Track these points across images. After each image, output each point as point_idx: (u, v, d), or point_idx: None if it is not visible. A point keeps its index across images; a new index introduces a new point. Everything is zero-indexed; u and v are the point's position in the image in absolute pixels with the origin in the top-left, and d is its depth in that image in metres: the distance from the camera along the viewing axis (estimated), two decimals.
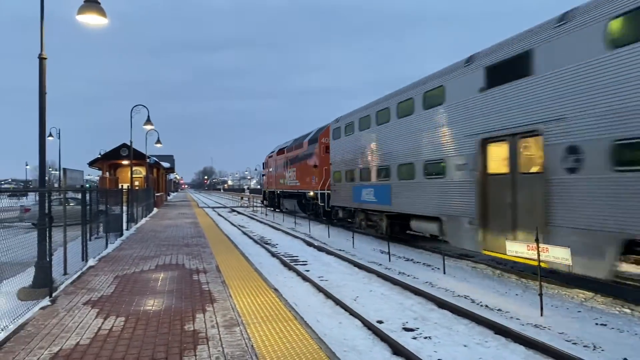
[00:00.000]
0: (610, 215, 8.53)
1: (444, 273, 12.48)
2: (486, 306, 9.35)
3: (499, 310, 9.08)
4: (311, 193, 28.40)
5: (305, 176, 29.83)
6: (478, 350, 6.97)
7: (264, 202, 47.04)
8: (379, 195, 18.28)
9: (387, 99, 17.87)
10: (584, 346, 7.14)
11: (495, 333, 7.57)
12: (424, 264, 14.24)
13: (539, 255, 8.94)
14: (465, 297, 10.03)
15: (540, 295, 8.75)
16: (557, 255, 8.71)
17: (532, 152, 10.84)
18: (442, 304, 9.20)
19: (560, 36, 9.73)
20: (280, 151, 37.73)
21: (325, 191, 25.73)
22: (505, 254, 10.34)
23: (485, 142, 12.02)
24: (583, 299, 9.81)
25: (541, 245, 9.00)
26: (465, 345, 7.18)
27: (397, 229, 18.38)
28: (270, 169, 42.14)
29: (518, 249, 9.56)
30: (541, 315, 8.59)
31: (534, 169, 10.65)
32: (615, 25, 8.57)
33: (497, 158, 11.79)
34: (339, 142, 23.17)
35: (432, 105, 14.51)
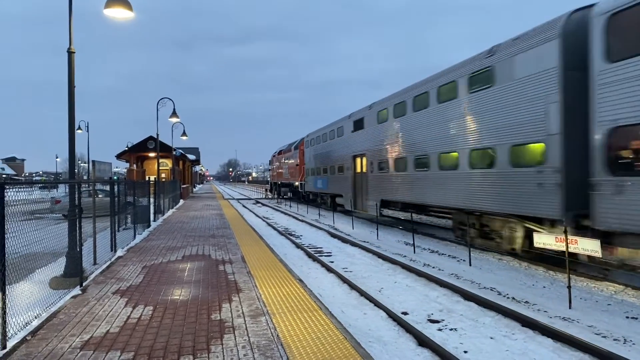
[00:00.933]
0: (378, 191, 20.73)
1: (470, 265, 12.37)
2: (513, 298, 9.24)
3: (526, 302, 8.96)
4: (296, 183, 40.70)
5: (292, 171, 42.37)
6: (505, 343, 6.90)
7: (271, 191, 56.79)
8: (324, 184, 30.56)
9: (329, 126, 29.57)
10: (614, 339, 7.01)
11: (522, 325, 7.49)
12: (449, 255, 14.13)
13: (567, 247, 8.79)
14: (491, 289, 9.93)
15: (569, 287, 8.62)
16: (587, 247, 8.56)
17: (365, 162, 22.95)
18: (468, 296, 9.13)
19: (365, 113, 23.00)
20: (280, 152, 49.66)
21: (302, 182, 37.97)
22: (363, 210, 23.35)
23: (354, 157, 24.44)
24: (613, 292, 9.61)
25: (570, 237, 8.85)
26: (491, 338, 7.12)
27: (334, 203, 29.10)
28: (274, 166, 54.34)
29: (546, 240, 9.42)
30: (569, 307, 8.46)
31: (364, 170, 22.95)
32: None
33: (358, 165, 24.06)
34: (308, 150, 35.33)
35: (339, 136, 27.32)
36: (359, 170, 23.69)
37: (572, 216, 10.26)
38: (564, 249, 8.88)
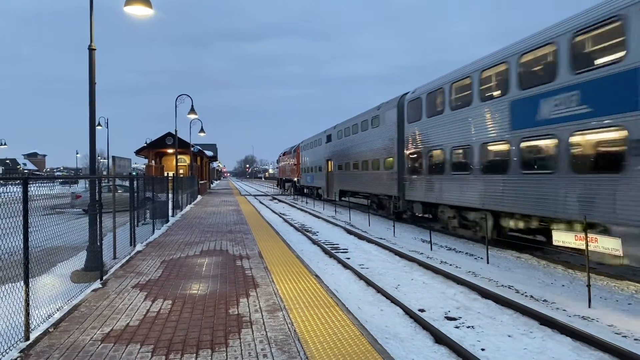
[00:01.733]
0: (337, 184, 31.54)
1: (487, 263, 12.29)
2: (531, 297, 9.16)
3: (544, 301, 8.88)
4: (295, 179, 51.11)
5: (292, 170, 53.40)
6: (523, 341, 6.85)
7: (278, 185, 69.33)
8: (311, 179, 40.90)
9: (315, 137, 39.78)
10: (635, 339, 6.91)
11: (541, 324, 7.42)
12: (466, 253, 14.05)
13: (587, 245, 8.69)
14: (509, 287, 9.85)
15: (589, 286, 8.51)
16: (607, 246, 8.46)
17: (332, 164, 32.69)
18: (485, 294, 9.07)
19: (331, 131, 33.68)
20: (284, 154, 61.74)
21: (299, 178, 48.52)
22: (330, 197, 34.23)
23: (327, 160, 33.90)
24: (634, 291, 9.48)
25: (590, 235, 8.75)
26: (509, 336, 7.07)
27: (318, 194, 39.11)
28: (280, 165, 67.18)
29: (565, 238, 9.33)
30: (589, 306, 8.36)
31: (331, 170, 33.01)
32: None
33: (329, 166, 33.21)
34: (302, 153, 45.86)
35: (318, 145, 37.42)
36: (329, 169, 34.07)
37: (401, 194, 20.43)
38: (583, 247, 8.78)
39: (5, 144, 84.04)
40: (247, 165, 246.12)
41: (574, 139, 10.38)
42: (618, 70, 9.21)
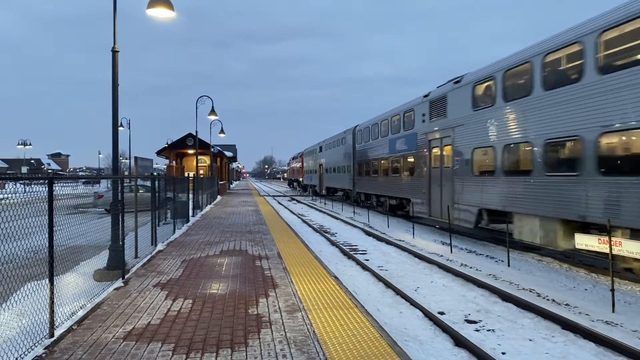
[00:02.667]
0: (325, 183, 44.03)
1: (508, 266, 12.16)
2: (553, 300, 9.04)
3: (566, 305, 8.76)
4: (300, 179, 63.94)
5: (298, 171, 66.68)
6: (544, 345, 6.76)
7: (289, 184, 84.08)
8: (311, 180, 52.45)
9: (313, 147, 51.56)
10: None
11: (563, 328, 7.32)
12: (487, 256, 13.91)
13: (611, 249, 8.54)
14: (530, 291, 9.73)
15: (612, 290, 8.37)
16: (631, 249, 8.30)
17: (322, 168, 45.14)
18: (506, 297, 8.98)
19: (321, 144, 47.56)
20: (293, 158, 75.65)
21: (302, 179, 60.64)
22: (321, 193, 46.02)
23: (320, 165, 47.15)
24: None
25: (614, 238, 8.60)
26: (530, 340, 6.99)
27: (315, 191, 49.24)
28: (290, 167, 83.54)
29: (588, 242, 9.18)
30: (613, 311, 8.22)
31: (321, 172, 45.56)
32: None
33: (321, 169, 46.15)
34: (306, 158, 57.23)
35: (315, 153, 49.40)
36: (321, 172, 45.32)
37: (354, 188, 32.00)
38: (606, 250, 8.63)
39: (30, 144, 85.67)
40: (266, 166, 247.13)
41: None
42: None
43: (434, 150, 18.43)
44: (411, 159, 20.94)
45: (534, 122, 12.19)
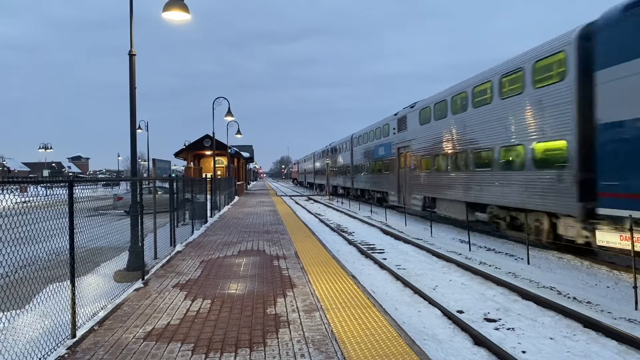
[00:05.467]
0: (319, 180, 62.37)
1: (528, 263, 12.02)
2: (574, 298, 8.92)
3: (587, 302, 8.63)
4: (297, 178, 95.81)
5: (296, 173, 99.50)
6: (566, 344, 6.68)
7: (293, 182, 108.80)
8: (308, 178, 76.21)
9: (308, 156, 75.23)
10: None
11: (584, 326, 7.22)
12: (506, 254, 13.78)
13: (633, 246, 8.40)
14: (550, 289, 9.62)
15: (635, 287, 8.23)
16: None
17: (314, 170, 66.89)
18: (526, 295, 8.88)
19: (313, 155, 68.77)
20: (294, 163, 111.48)
21: (298, 177, 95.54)
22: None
23: (314, 169, 66.94)
24: None
25: (636, 235, 8.46)
26: (551, 338, 6.90)
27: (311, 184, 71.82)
28: (294, 170, 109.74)
29: (610, 239, 9.04)
30: (636, 309, 8.09)
31: (314, 173, 68.07)
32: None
33: (312, 171, 69.71)
34: (298, 165, 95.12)
35: (307, 160, 76.10)
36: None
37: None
38: (629, 247, 8.50)
39: (51, 148, 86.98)
40: (283, 166, 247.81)
41: None
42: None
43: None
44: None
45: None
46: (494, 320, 7.81)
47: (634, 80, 9.35)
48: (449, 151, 18.68)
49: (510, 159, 14.48)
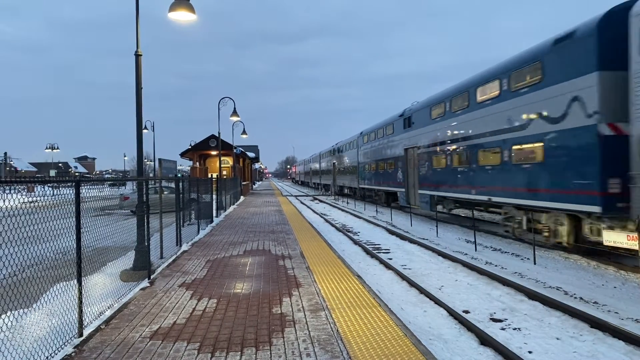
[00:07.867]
0: (315, 179, 72.71)
1: (535, 264, 11.98)
2: (580, 298, 8.88)
3: (594, 303, 8.59)
4: (297, 178, 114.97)
5: (295, 174, 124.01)
6: (572, 344, 6.65)
7: (294, 181, 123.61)
8: (304, 177, 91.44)
9: (306, 160, 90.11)
10: None
11: (591, 327, 7.18)
12: (512, 254, 13.73)
13: None
14: (557, 289, 9.58)
15: None
16: None
17: (310, 171, 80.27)
18: (532, 295, 8.84)
19: (308, 160, 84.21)
20: (294, 165, 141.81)
21: (297, 177, 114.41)
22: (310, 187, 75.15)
23: (312, 169, 78.44)
24: None
25: None
26: (558, 338, 6.88)
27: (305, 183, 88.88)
28: (294, 170, 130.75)
29: (617, 238, 9.00)
30: None
31: (310, 174, 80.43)
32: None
33: (310, 172, 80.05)
34: (297, 166, 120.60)
35: (303, 164, 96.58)
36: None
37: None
38: (636, 247, 8.45)
39: (57, 148, 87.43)
40: (288, 166, 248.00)
41: None
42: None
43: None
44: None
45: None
46: (500, 321, 7.78)
47: None
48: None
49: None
